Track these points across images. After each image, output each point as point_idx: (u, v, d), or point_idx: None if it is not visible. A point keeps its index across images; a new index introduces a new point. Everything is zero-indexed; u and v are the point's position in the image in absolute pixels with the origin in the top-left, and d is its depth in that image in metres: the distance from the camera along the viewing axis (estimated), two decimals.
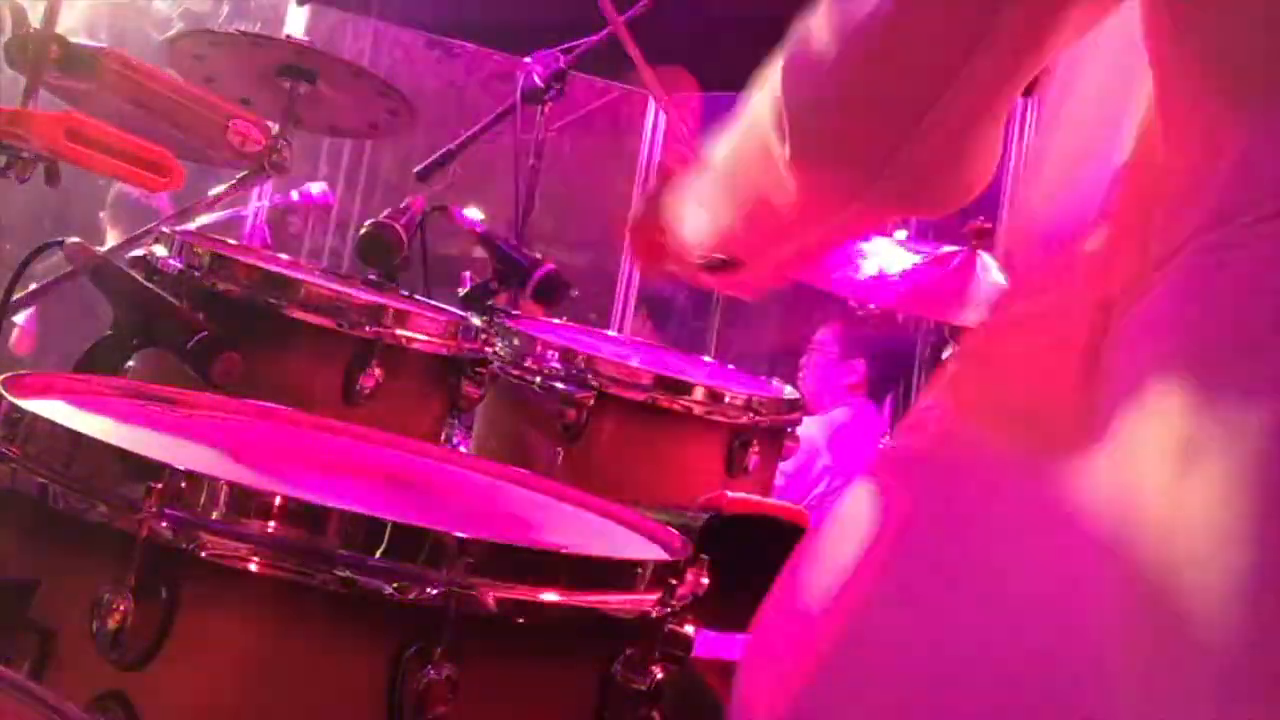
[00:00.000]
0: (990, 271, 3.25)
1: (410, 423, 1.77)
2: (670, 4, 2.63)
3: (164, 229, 2.00)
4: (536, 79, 2.67)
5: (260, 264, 1.85)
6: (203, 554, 0.91)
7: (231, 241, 2.34)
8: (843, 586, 0.80)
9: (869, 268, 3.27)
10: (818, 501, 3.74)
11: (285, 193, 4.84)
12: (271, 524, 0.93)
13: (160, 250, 1.82)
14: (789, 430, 2.08)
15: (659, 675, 1.04)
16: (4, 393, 1.04)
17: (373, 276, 2.08)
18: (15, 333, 4.82)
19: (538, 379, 1.95)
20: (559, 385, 1.92)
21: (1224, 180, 0.67)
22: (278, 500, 0.95)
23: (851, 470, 3.77)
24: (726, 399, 1.98)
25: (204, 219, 3.34)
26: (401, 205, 2.17)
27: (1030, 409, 0.77)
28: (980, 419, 0.81)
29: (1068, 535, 0.68)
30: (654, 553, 1.20)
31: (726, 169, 1.03)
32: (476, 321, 1.98)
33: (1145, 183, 0.74)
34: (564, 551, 1.08)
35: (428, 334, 1.83)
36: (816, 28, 0.86)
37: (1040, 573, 0.70)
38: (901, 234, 5.17)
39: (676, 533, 1.23)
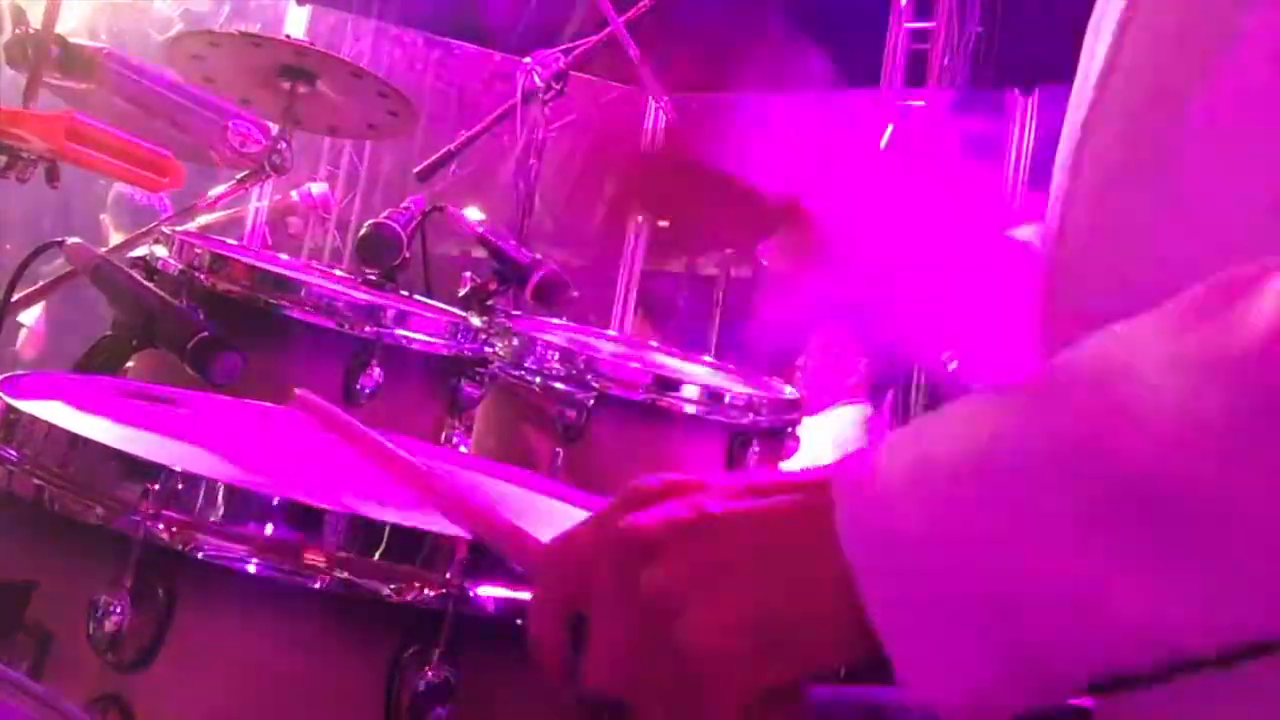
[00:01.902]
0: None
1: (410, 423, 1.77)
2: (670, 4, 2.63)
3: (164, 229, 2.00)
4: (536, 79, 2.67)
5: (260, 264, 1.85)
6: (200, 555, 0.91)
7: (231, 241, 2.34)
8: None
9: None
10: None
11: (285, 193, 4.84)
12: (269, 525, 0.93)
13: (160, 250, 1.82)
14: (789, 430, 2.07)
15: None
16: (0, 394, 1.04)
17: (373, 276, 2.08)
18: (24, 334, 4.83)
19: (538, 379, 1.95)
20: (559, 385, 1.91)
21: None
22: (275, 501, 0.94)
23: None
24: (726, 399, 1.97)
25: (204, 219, 3.34)
26: (401, 205, 2.17)
27: None
28: None
29: None
30: None
31: None
32: (476, 321, 1.98)
33: None
34: None
35: (428, 334, 1.83)
36: None
37: None
38: None
39: None
